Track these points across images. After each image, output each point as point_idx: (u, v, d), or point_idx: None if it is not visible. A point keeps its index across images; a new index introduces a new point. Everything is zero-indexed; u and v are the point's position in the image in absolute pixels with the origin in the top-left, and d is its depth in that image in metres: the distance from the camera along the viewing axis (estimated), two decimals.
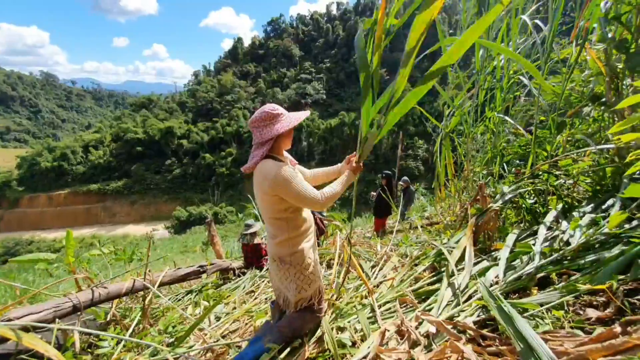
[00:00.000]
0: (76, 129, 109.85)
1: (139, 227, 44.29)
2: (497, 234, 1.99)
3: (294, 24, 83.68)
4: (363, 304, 1.82)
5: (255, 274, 3.26)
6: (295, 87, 64.76)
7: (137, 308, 2.51)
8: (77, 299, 2.14)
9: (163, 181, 51.81)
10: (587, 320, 1.15)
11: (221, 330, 2.09)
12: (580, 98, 2.41)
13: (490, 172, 3.09)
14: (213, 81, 67.51)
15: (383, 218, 5.67)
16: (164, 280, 2.88)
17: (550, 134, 2.41)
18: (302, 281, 1.54)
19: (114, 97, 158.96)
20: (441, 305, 1.42)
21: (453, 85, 3.52)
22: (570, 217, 1.71)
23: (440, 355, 1.03)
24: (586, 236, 1.45)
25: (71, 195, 50.67)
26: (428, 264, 1.99)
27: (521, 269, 1.46)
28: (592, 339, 0.88)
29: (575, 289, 1.23)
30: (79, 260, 2.53)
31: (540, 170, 2.12)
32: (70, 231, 2.44)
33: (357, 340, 1.45)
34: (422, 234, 3.27)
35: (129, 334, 2.06)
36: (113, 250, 2.92)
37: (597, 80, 2.14)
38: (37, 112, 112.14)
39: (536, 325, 1.14)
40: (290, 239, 1.50)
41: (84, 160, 54.00)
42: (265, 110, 1.47)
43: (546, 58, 2.41)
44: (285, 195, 1.41)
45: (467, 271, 1.57)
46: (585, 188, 2.03)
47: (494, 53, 2.83)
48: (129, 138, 53.82)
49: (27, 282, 7.50)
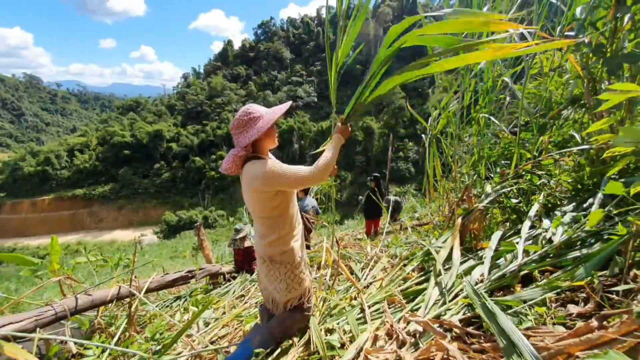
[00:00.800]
0: (61, 133, 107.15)
1: (126, 232, 43.38)
2: (483, 233, 2.02)
3: (285, 27, 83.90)
4: (352, 305, 1.83)
5: (246, 278, 3.23)
6: (286, 90, 64.79)
7: (123, 315, 2.46)
8: (59, 307, 2.09)
9: (151, 185, 50.90)
10: (568, 315, 1.18)
11: (210, 335, 2.06)
12: (560, 100, 2.49)
13: (477, 173, 3.15)
14: (203, 84, 66.98)
15: (373, 219, 5.71)
16: (151, 287, 2.83)
17: (533, 136, 2.48)
18: (292, 280, 1.54)
19: (100, 100, 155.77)
20: (428, 304, 1.44)
21: (440, 88, 3.58)
22: (552, 216, 1.75)
23: (426, 354, 1.04)
24: (567, 234, 1.50)
25: (56, 201, 49.28)
26: (416, 264, 2.01)
27: (505, 267, 1.49)
28: (571, 334, 0.90)
29: (557, 286, 1.26)
30: (64, 267, 2.46)
31: (523, 171, 2.17)
32: (55, 237, 2.37)
33: (346, 342, 1.45)
34: (411, 235, 3.30)
35: (114, 342, 2.02)
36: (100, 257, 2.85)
37: (575, 83, 2.21)
38: (20, 115, 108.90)
39: (519, 321, 1.16)
40: (280, 237, 1.50)
41: (69, 165, 52.67)
42: (238, 116, 1.44)
43: (530, 62, 2.47)
44: (282, 185, 1.40)
45: (453, 270, 1.59)
46: (567, 187, 2.09)
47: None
48: (115, 141, 52.76)
49: (8, 291, 7.24)
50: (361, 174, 40.71)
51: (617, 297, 1.13)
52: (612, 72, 1.79)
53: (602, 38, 1.85)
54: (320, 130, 52.52)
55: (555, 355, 0.87)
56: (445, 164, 3.53)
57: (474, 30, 1.45)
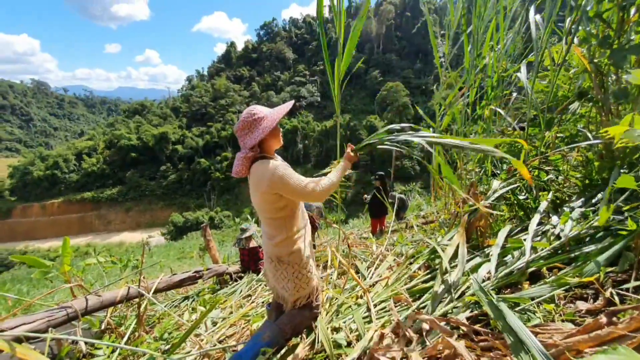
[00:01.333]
0: (69, 137, 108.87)
1: (134, 234, 43.91)
2: (490, 230, 2.00)
3: (287, 27, 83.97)
4: (358, 304, 1.83)
5: (252, 278, 3.25)
6: (290, 90, 64.85)
7: (132, 316, 2.49)
8: (71, 308, 2.12)
9: (158, 187, 51.45)
10: (577, 312, 1.16)
11: (218, 335, 2.08)
12: (568, 95, 2.45)
13: (483, 169, 3.12)
14: (207, 86, 67.42)
15: (379, 218, 5.69)
16: (159, 287, 2.86)
17: (540, 131, 2.45)
18: (300, 280, 1.55)
19: (107, 104, 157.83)
20: (435, 302, 1.43)
21: (445, 85, 3.55)
22: (560, 212, 1.73)
23: (433, 352, 1.04)
24: (576, 230, 1.48)
25: (65, 204, 50.10)
26: (422, 262, 2.01)
27: (512, 264, 1.47)
28: (580, 331, 0.89)
29: (565, 283, 1.24)
30: (74, 269, 2.51)
31: (530, 166, 2.14)
32: (67, 238, 2.41)
33: (353, 340, 1.45)
34: (417, 233, 3.29)
35: (124, 342, 2.05)
36: (109, 259, 2.89)
37: (583, 76, 2.18)
38: (28, 120, 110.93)
39: (527, 319, 1.15)
40: (288, 238, 1.52)
41: (77, 168, 53.51)
42: (243, 118, 1.46)
43: (541, 54, 2.43)
44: (284, 191, 1.42)
45: (460, 268, 1.58)
46: (576, 183, 2.07)
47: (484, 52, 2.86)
48: (122, 145, 53.45)
49: (21, 293, 7.39)
50: (366, 172, 40.54)
51: (627, 294, 1.12)
52: (617, 64, 1.76)
53: (609, 30, 1.82)
54: (324, 130, 52.50)
55: (564, 352, 0.86)
56: (450, 161, 3.51)
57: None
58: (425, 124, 3.60)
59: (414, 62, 63.21)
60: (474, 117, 3.16)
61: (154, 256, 14.94)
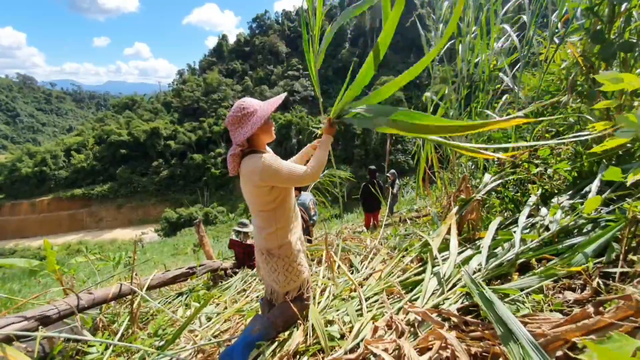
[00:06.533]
0: (57, 133, 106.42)
1: (126, 231, 43.40)
2: (481, 223, 2.03)
3: (280, 20, 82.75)
4: (352, 297, 1.84)
5: (247, 273, 3.25)
6: (283, 85, 64.21)
7: (126, 313, 2.47)
8: (62, 306, 2.10)
9: (150, 183, 50.72)
10: (565, 302, 1.19)
11: (212, 330, 2.08)
12: (558, 89, 2.48)
13: (475, 163, 3.15)
14: (198, 80, 66.30)
15: (372, 212, 5.72)
16: (152, 284, 2.84)
17: (530, 125, 2.47)
18: (290, 272, 1.56)
19: (96, 99, 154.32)
20: (426, 294, 1.45)
21: (438, 79, 3.55)
22: (549, 205, 1.76)
23: (424, 343, 1.05)
24: (564, 222, 1.50)
25: (55, 201, 49.14)
26: (415, 255, 2.03)
27: (502, 255, 1.50)
28: (568, 320, 0.91)
29: (553, 273, 1.27)
30: (65, 267, 2.47)
31: (520, 160, 2.17)
32: (46, 240, 2.39)
33: (346, 333, 1.47)
34: (410, 227, 3.32)
35: (117, 339, 2.03)
36: (100, 256, 2.86)
37: (573, 71, 2.20)
38: (15, 116, 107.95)
39: (517, 309, 1.17)
40: (278, 230, 1.53)
41: (66, 165, 52.38)
42: (232, 112, 1.45)
43: (527, 51, 2.45)
44: (276, 181, 1.43)
45: (451, 260, 1.60)
46: (565, 176, 2.10)
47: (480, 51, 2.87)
48: (112, 140, 52.40)
49: (12, 292, 7.28)
50: (360, 167, 40.63)
51: (614, 283, 1.15)
52: (606, 59, 1.78)
53: (601, 24, 1.83)
54: (318, 124, 52.22)
55: (552, 341, 0.88)
56: (442, 155, 3.53)
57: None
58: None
59: (408, 55, 63.09)
60: (466, 111, 3.17)
61: (148, 253, 14.81)
